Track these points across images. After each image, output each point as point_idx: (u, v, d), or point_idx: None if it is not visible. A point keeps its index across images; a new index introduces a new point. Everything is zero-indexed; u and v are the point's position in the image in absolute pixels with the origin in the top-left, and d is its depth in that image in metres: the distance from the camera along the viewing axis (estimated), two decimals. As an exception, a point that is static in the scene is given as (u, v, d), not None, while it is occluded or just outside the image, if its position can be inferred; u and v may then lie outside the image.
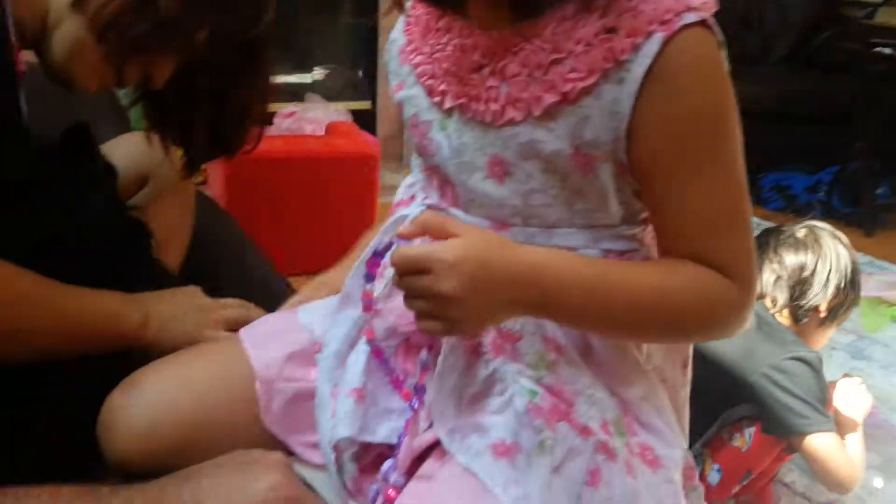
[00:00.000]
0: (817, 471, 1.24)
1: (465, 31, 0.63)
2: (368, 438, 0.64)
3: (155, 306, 0.80)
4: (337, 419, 0.64)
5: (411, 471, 0.61)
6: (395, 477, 0.60)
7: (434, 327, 0.55)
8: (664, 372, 0.66)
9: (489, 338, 0.61)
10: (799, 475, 1.46)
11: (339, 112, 2.50)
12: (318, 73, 3.01)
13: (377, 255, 0.64)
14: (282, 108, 2.44)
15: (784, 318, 1.34)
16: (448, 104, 0.64)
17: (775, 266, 1.34)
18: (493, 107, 0.60)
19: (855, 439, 1.27)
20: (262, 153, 1.97)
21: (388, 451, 0.63)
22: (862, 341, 2.03)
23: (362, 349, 0.67)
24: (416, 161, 0.72)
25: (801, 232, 1.37)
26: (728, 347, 1.31)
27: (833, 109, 3.15)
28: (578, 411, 0.60)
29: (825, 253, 1.33)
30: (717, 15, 0.59)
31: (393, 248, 0.58)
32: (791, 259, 1.33)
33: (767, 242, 1.38)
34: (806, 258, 1.32)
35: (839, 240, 1.36)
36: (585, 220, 0.62)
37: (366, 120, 2.64)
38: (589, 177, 0.60)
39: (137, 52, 0.76)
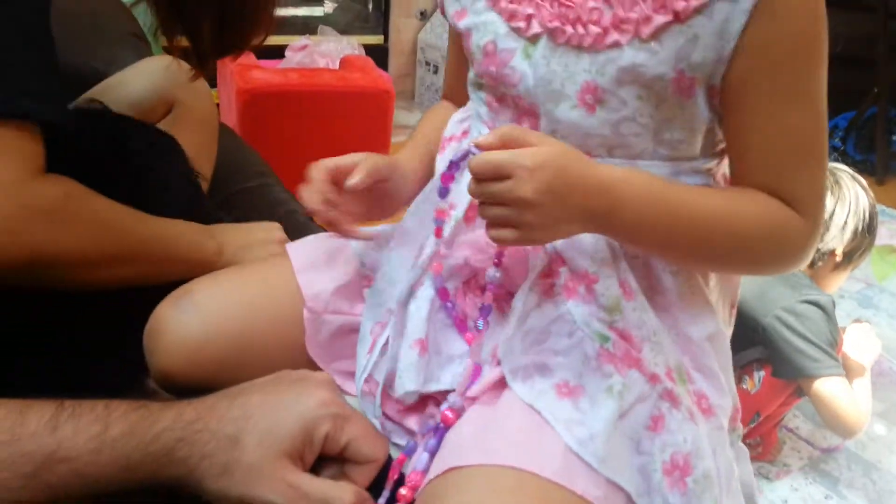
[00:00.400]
0: (825, 414, 1.26)
1: None
2: (433, 388, 0.63)
3: (229, 235, 0.82)
4: (401, 370, 0.63)
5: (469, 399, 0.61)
6: (454, 399, 0.59)
7: (507, 235, 0.56)
8: (718, 312, 0.67)
9: (562, 279, 0.61)
10: (803, 420, 1.50)
11: (352, 46, 2.45)
12: (328, 6, 2.95)
13: (452, 166, 0.62)
14: (294, 41, 2.39)
15: None
16: (536, 29, 0.61)
17: None
18: (595, 29, 0.58)
19: (862, 385, 1.30)
20: (275, 86, 1.99)
21: (438, 395, 0.64)
22: (870, 289, 2.05)
23: (423, 295, 0.65)
24: (477, 94, 0.69)
25: None
26: (742, 289, 1.31)
27: (853, 51, 3.09)
28: (646, 357, 0.60)
29: (844, 195, 1.33)
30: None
31: (469, 157, 0.56)
32: None
33: None
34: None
35: (858, 183, 1.36)
36: (670, 152, 0.61)
37: (378, 55, 2.59)
38: (686, 102, 0.59)
39: None
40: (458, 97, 0.77)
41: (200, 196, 0.93)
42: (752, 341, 1.29)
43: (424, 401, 0.64)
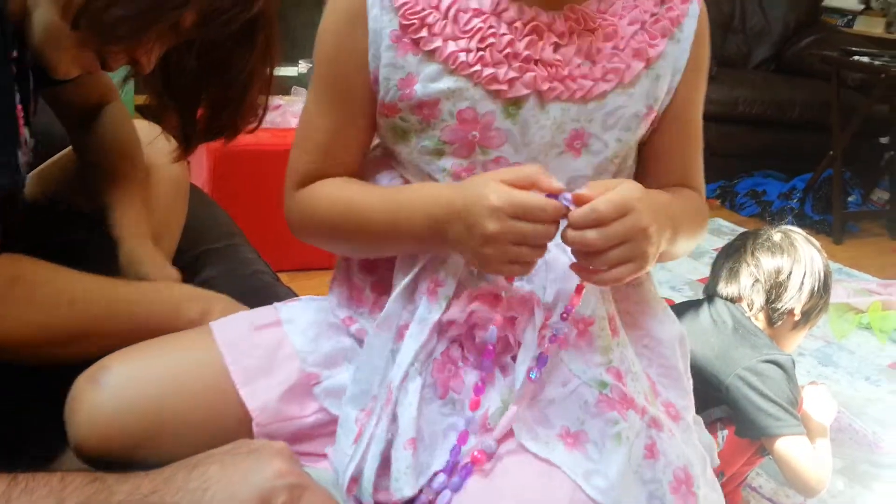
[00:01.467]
0: (787, 473, 1.27)
1: (525, 13, 0.63)
2: (426, 477, 0.63)
3: (215, 300, 0.82)
4: (396, 474, 0.62)
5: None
6: (487, 442, 0.61)
7: (625, 271, 0.59)
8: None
9: (550, 331, 0.63)
10: (766, 479, 1.51)
11: (324, 106, 2.49)
12: (303, 66, 3.00)
13: None
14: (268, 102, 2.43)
15: (759, 321, 1.38)
16: (521, 91, 0.63)
17: (752, 269, 1.38)
18: (586, 83, 0.64)
19: (822, 444, 1.31)
20: (247, 145, 2.00)
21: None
22: (829, 347, 2.09)
23: (412, 388, 0.64)
24: (434, 163, 0.67)
25: (776, 236, 1.41)
26: (705, 350, 1.34)
27: (809, 116, 3.22)
28: (632, 389, 0.64)
29: (800, 257, 1.37)
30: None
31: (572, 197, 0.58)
32: (768, 262, 1.36)
33: (744, 245, 1.42)
34: (782, 261, 1.36)
35: (813, 244, 1.41)
36: (623, 174, 0.71)
37: (350, 114, 2.63)
38: (646, 132, 0.70)
39: (115, 39, 0.71)
40: (340, 169, 0.71)
41: None
42: (716, 400, 1.31)
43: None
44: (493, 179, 0.59)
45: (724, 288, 1.45)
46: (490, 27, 0.63)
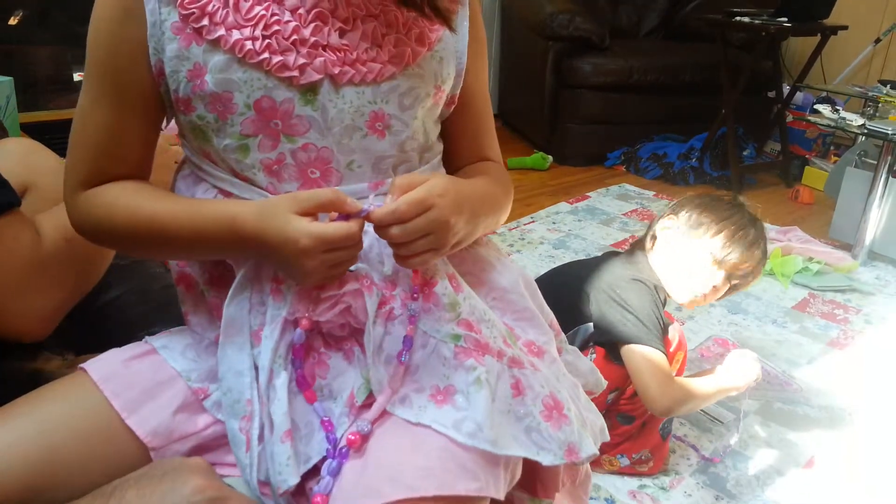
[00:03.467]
0: (635, 382, 1.29)
1: (305, 2, 0.65)
2: (308, 466, 0.64)
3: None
4: (277, 467, 0.63)
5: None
6: (361, 424, 0.64)
7: (430, 257, 0.65)
8: (510, 259, 0.82)
9: (398, 301, 0.67)
10: (690, 427, 1.58)
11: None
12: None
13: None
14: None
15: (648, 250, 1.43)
16: (313, 77, 0.64)
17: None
18: (375, 66, 0.66)
19: (707, 379, 1.33)
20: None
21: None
22: (737, 295, 2.19)
23: (280, 384, 0.65)
24: (242, 160, 0.66)
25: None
26: (584, 271, 1.39)
27: (700, 79, 3.34)
28: (486, 336, 0.68)
29: (716, 210, 1.39)
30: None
31: (371, 208, 0.62)
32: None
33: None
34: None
35: (749, 218, 1.41)
36: (430, 154, 0.75)
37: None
38: (434, 111, 0.73)
39: None
40: (125, 169, 0.68)
41: None
42: (583, 314, 1.34)
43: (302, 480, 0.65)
44: (294, 215, 0.60)
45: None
46: (273, 14, 0.63)
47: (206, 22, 0.63)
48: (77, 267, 0.75)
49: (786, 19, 2.97)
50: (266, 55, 0.63)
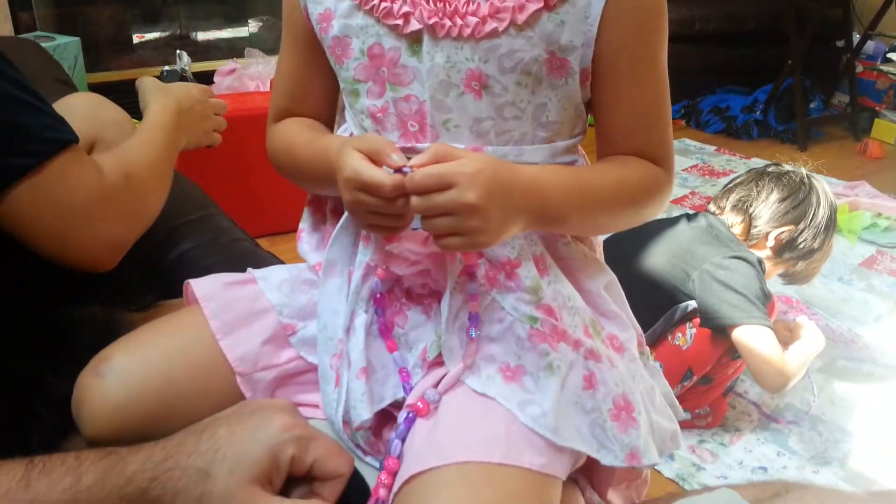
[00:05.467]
0: (749, 363, 1.29)
1: None
2: (382, 405, 0.67)
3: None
4: (353, 402, 0.66)
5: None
6: (430, 393, 0.64)
7: (456, 242, 0.59)
8: (604, 265, 0.76)
9: (482, 271, 0.65)
10: (751, 385, 1.57)
11: (280, 65, 2.45)
12: (253, 26, 2.95)
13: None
14: (221, 66, 2.39)
15: (737, 231, 1.45)
16: (414, 26, 0.63)
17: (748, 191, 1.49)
18: (473, 20, 0.62)
19: (796, 352, 1.34)
20: (207, 115, 1.97)
21: (394, 408, 0.68)
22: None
23: (359, 323, 0.68)
24: (356, 104, 0.69)
25: (792, 172, 1.52)
26: (675, 248, 1.38)
27: (765, 27, 3.22)
28: (566, 323, 0.66)
29: (806, 194, 1.46)
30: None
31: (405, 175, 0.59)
32: (769, 192, 1.47)
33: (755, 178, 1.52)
34: (781, 192, 1.47)
35: (827, 195, 1.48)
36: (547, 134, 0.67)
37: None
38: (559, 84, 0.65)
39: None
40: (307, 106, 0.76)
41: None
42: (685, 295, 1.34)
43: (380, 425, 0.68)
44: (354, 146, 0.61)
45: (712, 205, 1.51)
46: None
47: None
48: (138, 199, 0.80)
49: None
50: (376, 1, 0.64)
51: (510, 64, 0.63)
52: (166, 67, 2.31)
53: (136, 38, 2.93)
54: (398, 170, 0.59)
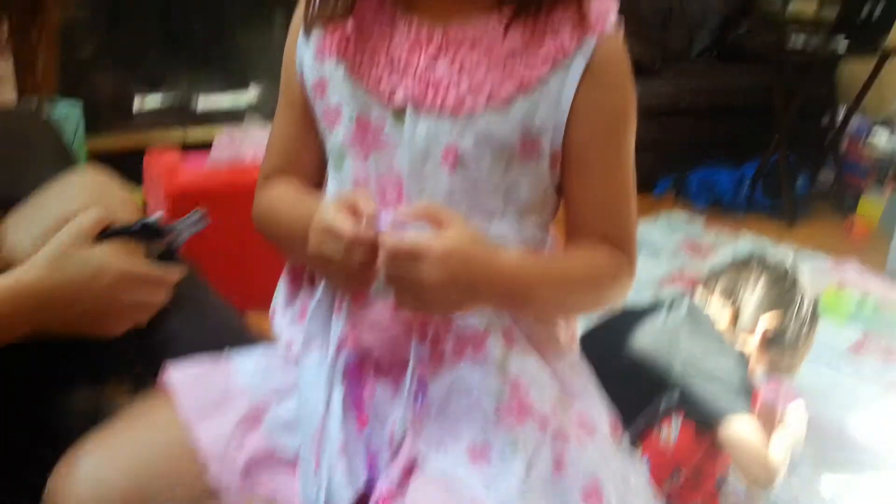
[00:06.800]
0: (736, 458, 1.28)
1: (412, 27, 0.67)
2: (360, 485, 0.67)
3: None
4: (334, 486, 0.66)
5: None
6: (392, 476, 0.65)
7: (410, 303, 0.62)
8: (570, 346, 0.77)
9: (449, 344, 0.67)
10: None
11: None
12: (253, 92, 2.99)
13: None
14: (219, 134, 2.41)
15: (722, 319, 1.46)
16: (400, 99, 0.67)
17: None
18: (453, 96, 0.65)
19: (779, 438, 1.33)
20: (203, 187, 1.98)
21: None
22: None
23: (336, 397, 0.69)
24: (341, 167, 0.71)
25: (780, 265, 1.52)
26: (656, 339, 1.38)
27: (752, 102, 3.29)
28: (533, 398, 0.67)
29: (790, 287, 1.47)
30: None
31: (385, 228, 0.61)
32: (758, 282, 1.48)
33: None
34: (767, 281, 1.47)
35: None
36: (518, 211, 0.69)
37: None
38: (530, 164, 0.67)
39: None
40: (298, 169, 0.77)
41: None
42: (667, 389, 1.33)
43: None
44: (335, 207, 0.63)
45: (700, 290, 1.53)
46: (381, 39, 0.68)
47: (342, 43, 0.69)
48: None
49: (843, 35, 2.88)
50: (367, 73, 0.68)
51: (485, 141, 0.66)
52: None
53: (136, 105, 2.95)
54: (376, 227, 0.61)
